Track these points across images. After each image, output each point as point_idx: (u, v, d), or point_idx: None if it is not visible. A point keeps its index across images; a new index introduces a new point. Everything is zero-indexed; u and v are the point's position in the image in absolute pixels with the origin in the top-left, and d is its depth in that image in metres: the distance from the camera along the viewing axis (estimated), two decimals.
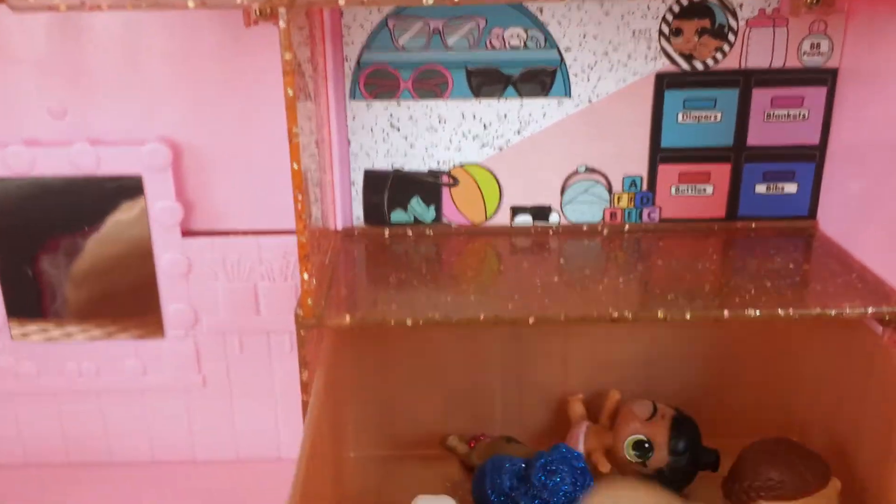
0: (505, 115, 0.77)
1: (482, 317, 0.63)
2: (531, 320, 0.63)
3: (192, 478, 0.85)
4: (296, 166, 0.59)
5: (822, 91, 0.76)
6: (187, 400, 0.84)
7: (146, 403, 0.84)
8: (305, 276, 0.62)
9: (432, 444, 0.78)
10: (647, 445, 0.69)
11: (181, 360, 0.82)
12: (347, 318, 0.63)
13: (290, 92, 0.57)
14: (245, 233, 0.79)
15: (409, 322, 0.63)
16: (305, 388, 0.64)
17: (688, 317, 0.63)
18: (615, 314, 0.63)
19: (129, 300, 0.80)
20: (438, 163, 0.78)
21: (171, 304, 0.80)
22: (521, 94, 0.76)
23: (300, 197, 0.60)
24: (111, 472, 0.86)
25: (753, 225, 0.80)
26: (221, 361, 0.83)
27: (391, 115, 0.76)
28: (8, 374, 0.82)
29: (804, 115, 0.77)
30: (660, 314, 0.63)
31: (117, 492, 0.83)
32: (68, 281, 0.78)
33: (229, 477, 0.85)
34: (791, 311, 0.64)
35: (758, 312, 0.63)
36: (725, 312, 0.63)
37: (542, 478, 0.63)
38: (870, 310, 0.64)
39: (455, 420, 0.79)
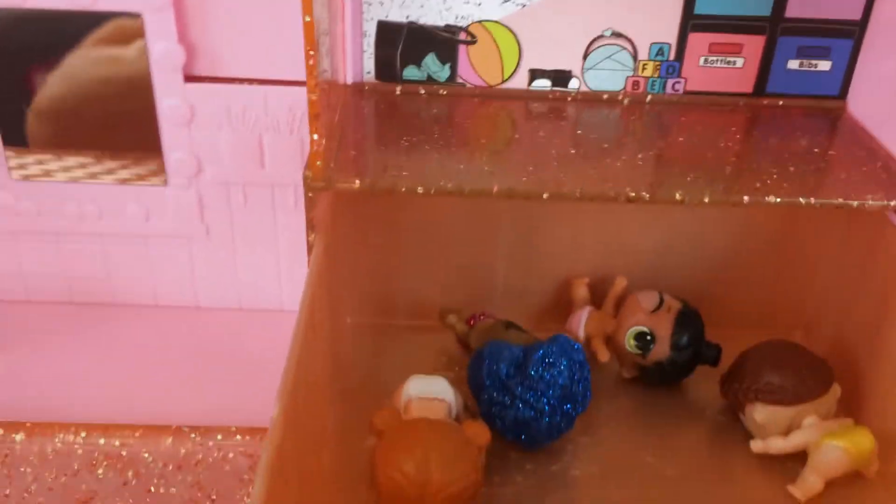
0: None
1: (495, 188, 0.61)
2: (545, 195, 0.61)
3: (195, 322, 0.86)
4: (308, 18, 0.55)
5: None
6: (190, 248, 0.83)
7: (149, 249, 0.83)
8: (315, 136, 0.59)
9: (431, 316, 0.78)
10: (648, 338, 0.70)
11: (184, 208, 0.81)
12: (357, 182, 0.61)
13: None
14: (251, 81, 0.76)
15: (419, 190, 0.61)
16: (311, 250, 0.64)
17: (706, 200, 0.62)
18: (632, 193, 0.61)
19: (130, 138, 0.77)
20: (457, 17, 0.74)
21: (174, 151, 0.78)
22: None
23: (311, 53, 0.56)
24: (114, 313, 0.86)
25: (781, 102, 0.77)
26: (225, 212, 0.81)
27: None
28: (8, 212, 0.81)
29: None
30: (678, 196, 0.62)
31: (120, 331, 0.84)
32: (60, 109, 0.75)
33: (232, 324, 0.86)
34: (812, 199, 0.62)
35: (778, 199, 0.62)
36: (745, 198, 0.62)
37: (540, 370, 0.63)
38: (893, 202, 0.62)
39: (456, 293, 0.79)
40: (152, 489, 0.66)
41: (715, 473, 0.67)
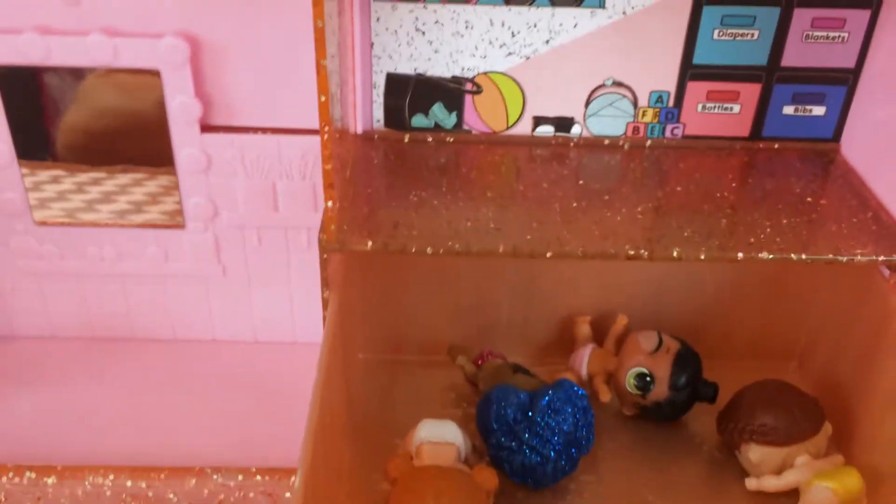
0: (535, 24, 0.74)
1: (501, 248, 0.64)
2: (549, 254, 0.64)
3: (212, 355, 0.90)
4: (323, 98, 0.58)
5: (865, 14, 0.73)
6: (207, 287, 0.87)
7: (168, 289, 0.87)
8: (329, 203, 0.62)
9: (440, 352, 0.81)
10: (648, 379, 0.73)
11: (201, 250, 0.84)
12: (370, 244, 0.64)
13: (320, 23, 0.55)
14: (264, 130, 0.78)
15: (429, 251, 0.64)
16: (326, 305, 0.67)
17: (702, 257, 0.65)
18: (631, 252, 0.65)
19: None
20: (463, 69, 0.76)
21: (191, 197, 0.81)
22: (553, 2, 0.73)
23: (327, 129, 0.59)
24: (134, 347, 0.90)
25: (776, 146, 0.80)
26: (240, 253, 0.85)
27: (416, 19, 0.74)
28: (32, 254, 0.84)
29: (843, 38, 0.74)
30: (675, 253, 0.65)
31: (141, 365, 0.88)
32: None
33: (247, 356, 0.90)
34: (804, 255, 0.65)
35: (770, 256, 0.65)
36: (739, 255, 0.65)
37: (546, 416, 0.66)
38: (881, 257, 0.65)
39: (463, 330, 0.82)
40: None
41: None
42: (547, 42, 0.75)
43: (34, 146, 0.79)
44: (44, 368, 0.87)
